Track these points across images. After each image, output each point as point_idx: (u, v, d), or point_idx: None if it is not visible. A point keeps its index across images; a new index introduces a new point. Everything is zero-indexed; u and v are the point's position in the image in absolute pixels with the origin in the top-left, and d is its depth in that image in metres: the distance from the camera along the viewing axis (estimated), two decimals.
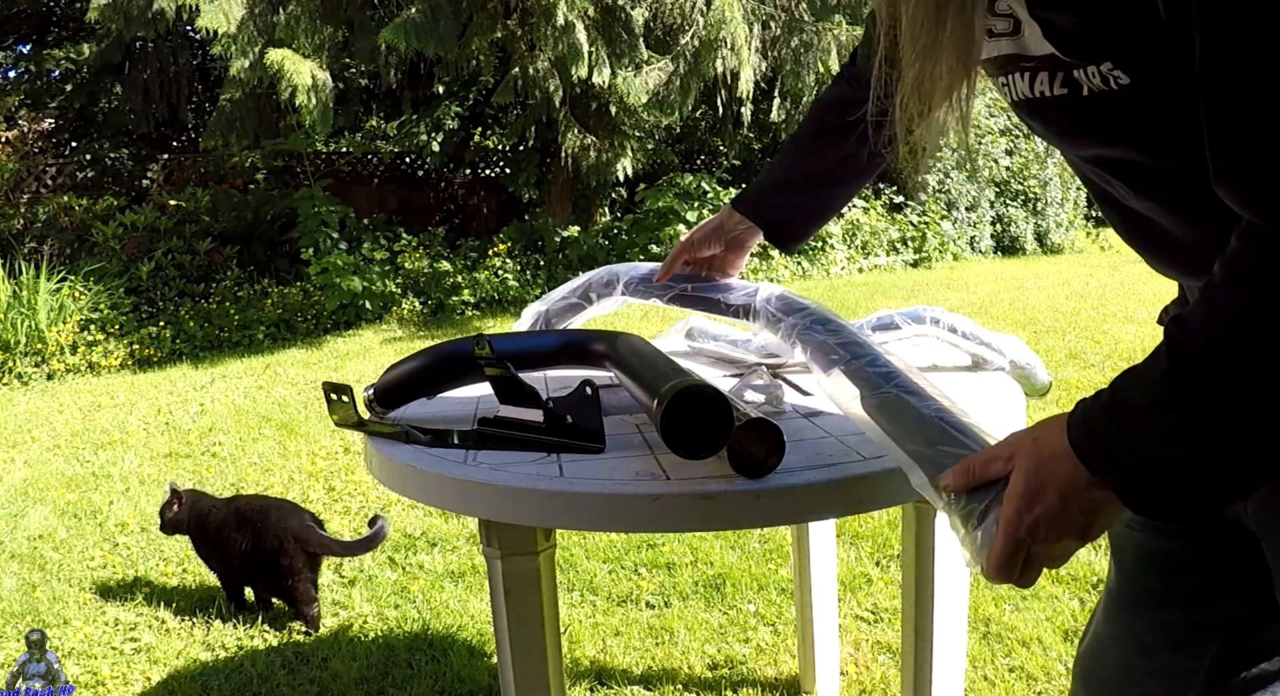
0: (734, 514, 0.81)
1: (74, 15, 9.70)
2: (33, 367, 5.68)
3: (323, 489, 3.13)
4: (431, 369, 1.05)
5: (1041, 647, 1.89)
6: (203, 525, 2.21)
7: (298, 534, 2.10)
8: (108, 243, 6.95)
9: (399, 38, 6.15)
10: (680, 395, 0.81)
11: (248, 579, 2.22)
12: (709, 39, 6.78)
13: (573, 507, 0.83)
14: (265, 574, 2.13)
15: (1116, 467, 0.59)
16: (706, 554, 2.41)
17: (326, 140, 7.99)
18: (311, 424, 3.96)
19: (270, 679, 1.93)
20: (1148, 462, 0.58)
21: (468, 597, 2.27)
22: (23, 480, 3.41)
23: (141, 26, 6.68)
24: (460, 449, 0.95)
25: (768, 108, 8.32)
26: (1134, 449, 0.59)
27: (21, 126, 8.07)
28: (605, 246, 7.98)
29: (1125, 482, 0.59)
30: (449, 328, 6.56)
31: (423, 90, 8.60)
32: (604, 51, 6.59)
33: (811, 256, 8.24)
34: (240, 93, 7.04)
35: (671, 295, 1.25)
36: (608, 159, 7.47)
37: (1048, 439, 0.62)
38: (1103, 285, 6.65)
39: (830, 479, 0.81)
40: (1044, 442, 0.63)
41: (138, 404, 4.68)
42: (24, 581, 2.49)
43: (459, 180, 9.19)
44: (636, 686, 1.83)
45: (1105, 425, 0.60)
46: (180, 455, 3.65)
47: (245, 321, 6.49)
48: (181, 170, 8.44)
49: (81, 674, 2.00)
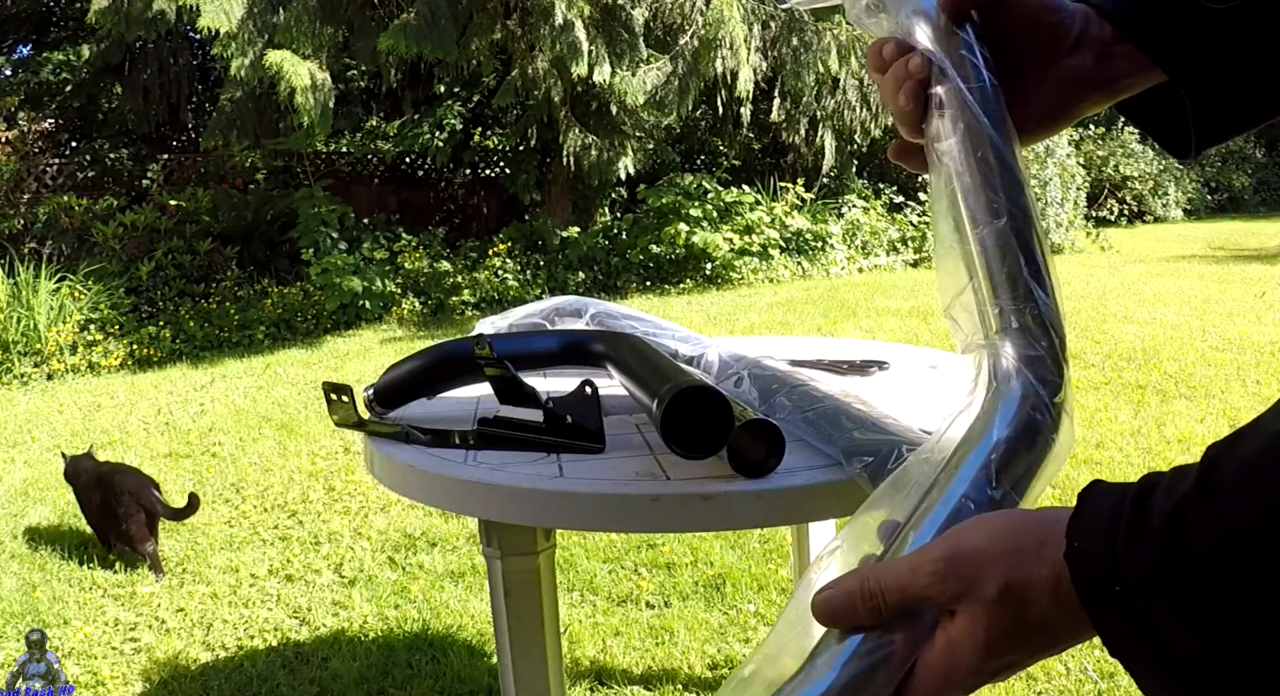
0: (734, 514, 0.81)
1: (74, 15, 9.70)
2: (33, 368, 5.68)
3: (323, 489, 3.13)
4: (431, 369, 1.05)
5: None
6: (76, 485, 2.74)
7: (132, 490, 2.55)
8: (108, 243, 6.95)
9: (398, 42, 6.16)
10: (680, 395, 0.81)
11: (101, 527, 2.66)
12: (708, 39, 6.78)
13: (573, 507, 0.83)
14: (111, 522, 2.58)
15: (1168, 669, 0.35)
16: (706, 554, 2.41)
17: (326, 140, 7.99)
18: (311, 424, 3.96)
19: (270, 679, 1.93)
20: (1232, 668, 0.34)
21: (468, 597, 2.27)
22: (23, 480, 3.41)
23: (141, 28, 6.68)
24: (460, 449, 0.95)
25: (768, 108, 8.32)
26: (1205, 644, 0.34)
27: (21, 126, 8.07)
28: (605, 246, 7.99)
29: (1174, 690, 0.36)
30: (449, 327, 6.56)
31: (423, 90, 8.61)
32: (604, 51, 6.60)
33: (811, 256, 8.24)
34: (240, 93, 7.04)
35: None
36: (608, 158, 7.47)
37: (1031, 587, 0.38)
38: (1103, 285, 6.65)
39: (830, 479, 0.81)
40: (1025, 595, 0.38)
41: (138, 404, 4.68)
42: (24, 581, 2.49)
43: (459, 180, 9.19)
44: (636, 686, 1.83)
45: (1153, 598, 0.35)
46: (180, 455, 3.65)
47: (245, 321, 6.49)
48: (181, 170, 8.44)
49: (81, 674, 2.00)
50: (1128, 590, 0.35)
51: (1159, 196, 13.14)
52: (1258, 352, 4.24)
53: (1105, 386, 3.78)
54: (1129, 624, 0.35)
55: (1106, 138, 12.82)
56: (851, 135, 8.49)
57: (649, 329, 1.22)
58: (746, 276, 7.74)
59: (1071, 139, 11.41)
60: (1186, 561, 0.34)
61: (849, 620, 0.42)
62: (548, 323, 1.27)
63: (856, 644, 0.41)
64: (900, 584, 0.41)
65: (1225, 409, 3.38)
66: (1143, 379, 3.86)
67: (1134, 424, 3.26)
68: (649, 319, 1.25)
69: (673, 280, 7.77)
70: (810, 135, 8.46)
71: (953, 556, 0.40)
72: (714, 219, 7.89)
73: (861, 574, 0.42)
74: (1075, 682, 1.76)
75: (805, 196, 8.55)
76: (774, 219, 8.16)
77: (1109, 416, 3.36)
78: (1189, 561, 0.34)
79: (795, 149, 9.04)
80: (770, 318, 5.88)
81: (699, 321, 5.87)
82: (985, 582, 0.39)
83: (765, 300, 6.68)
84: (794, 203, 8.44)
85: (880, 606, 0.41)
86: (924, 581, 0.40)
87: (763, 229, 8.01)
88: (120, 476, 2.62)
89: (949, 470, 0.47)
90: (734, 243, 7.83)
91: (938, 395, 1.09)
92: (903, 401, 1.02)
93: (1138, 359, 4.23)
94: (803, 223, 8.24)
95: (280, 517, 2.89)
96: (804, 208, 8.55)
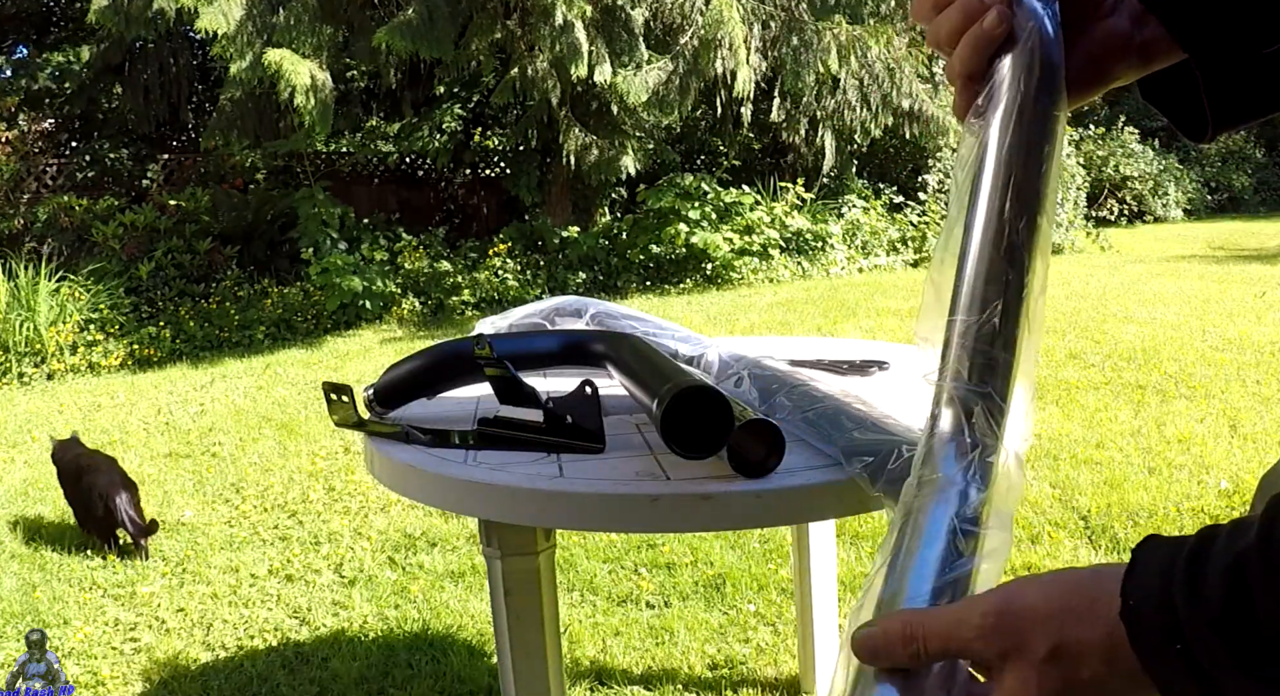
0: (734, 514, 0.81)
1: (74, 15, 9.71)
2: (33, 368, 5.68)
3: (323, 489, 3.13)
4: (431, 369, 1.05)
5: None
6: (59, 469, 2.86)
7: (103, 492, 2.63)
8: (108, 243, 6.95)
9: (394, 40, 6.16)
10: (680, 395, 0.81)
11: (76, 514, 2.79)
12: (708, 39, 6.78)
13: (573, 507, 0.83)
14: (82, 513, 2.74)
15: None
16: (706, 554, 2.41)
17: (326, 140, 7.99)
18: (311, 424, 3.96)
19: (270, 679, 1.93)
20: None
21: (468, 597, 2.27)
22: (23, 480, 3.41)
23: (141, 28, 6.69)
24: (460, 449, 0.95)
25: (768, 108, 8.32)
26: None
27: (21, 126, 8.07)
28: (605, 246, 7.99)
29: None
30: (449, 327, 6.56)
31: (423, 91, 8.61)
32: (604, 51, 6.60)
33: (811, 256, 8.24)
34: (240, 93, 7.04)
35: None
36: (608, 158, 7.47)
37: (1083, 648, 0.37)
38: (1103, 285, 6.65)
39: (830, 479, 0.81)
40: (1078, 655, 0.37)
41: (138, 404, 4.68)
42: (24, 581, 2.49)
43: (459, 180, 9.19)
44: (636, 686, 1.83)
45: (1216, 656, 0.34)
46: (180, 455, 3.65)
47: (245, 321, 6.49)
48: (182, 170, 8.44)
49: (81, 674, 2.00)
50: (1189, 648, 0.34)
51: (1159, 196, 13.15)
52: (1258, 352, 4.24)
53: (1105, 386, 3.78)
54: (1194, 682, 0.34)
55: (1106, 138, 12.83)
56: (851, 135, 8.49)
57: (649, 329, 1.22)
58: (746, 276, 7.74)
59: (1071, 139, 11.41)
60: (1249, 617, 0.33)
61: (886, 659, 0.41)
62: (548, 323, 1.27)
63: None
64: (944, 632, 0.39)
65: (1225, 409, 3.38)
66: (1143, 379, 3.86)
67: (1134, 424, 3.26)
68: (649, 319, 1.25)
69: (673, 280, 7.77)
70: (810, 135, 8.46)
71: (1002, 612, 0.39)
72: (714, 219, 7.89)
73: (905, 616, 0.41)
74: None
75: (805, 196, 8.55)
76: (774, 219, 8.16)
77: (1109, 416, 3.36)
78: (1251, 617, 0.33)
79: (795, 149, 9.04)
80: (770, 317, 5.88)
81: (699, 321, 5.87)
82: (1035, 642, 0.37)
83: (765, 300, 6.68)
84: (794, 203, 8.44)
85: (920, 652, 0.40)
86: (970, 634, 0.39)
87: (763, 229, 8.01)
88: (96, 476, 2.69)
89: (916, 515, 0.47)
90: (734, 243, 7.83)
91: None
92: (903, 401, 1.02)
93: (1138, 359, 4.23)
94: (803, 223, 8.24)
95: (280, 517, 2.89)
96: (804, 208, 8.55)
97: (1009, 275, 0.50)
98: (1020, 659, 0.38)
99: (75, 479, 2.75)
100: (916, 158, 9.71)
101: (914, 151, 9.64)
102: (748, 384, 1.04)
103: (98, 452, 2.90)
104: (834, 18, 7.45)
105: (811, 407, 0.91)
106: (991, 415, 0.48)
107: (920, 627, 0.40)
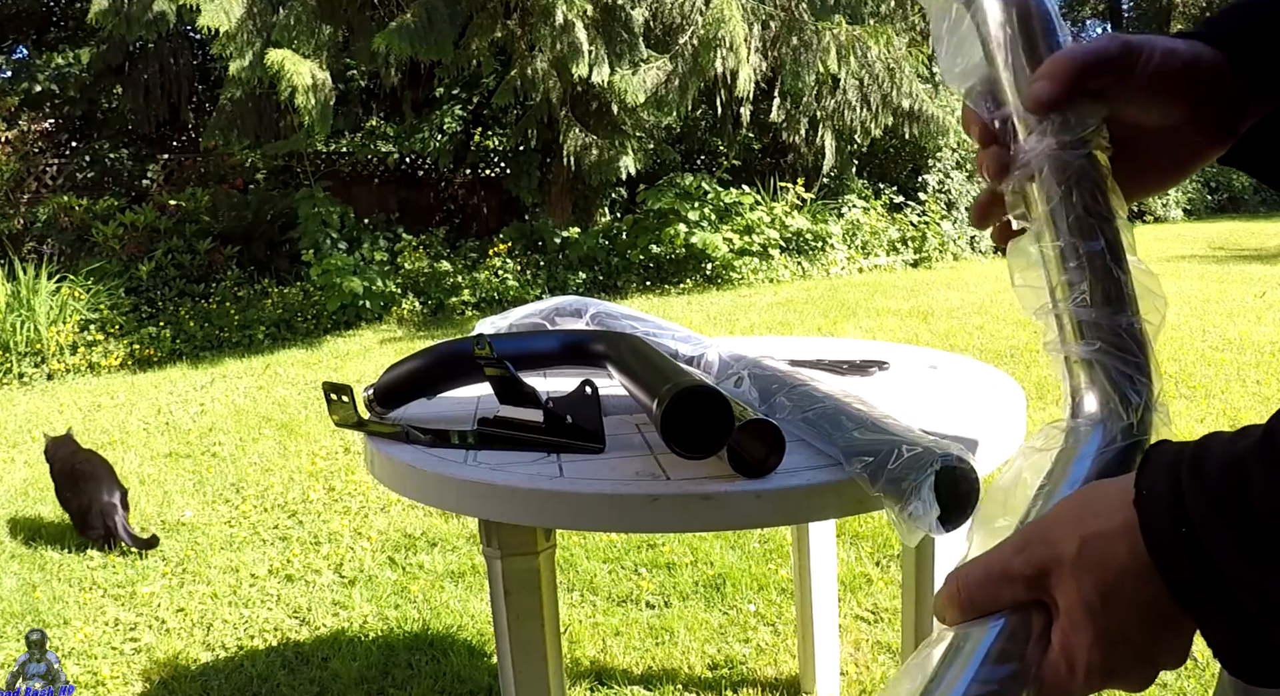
0: (734, 514, 0.81)
1: (74, 16, 9.71)
2: (33, 368, 5.68)
3: (323, 489, 3.13)
4: (431, 369, 1.05)
5: None
6: (51, 467, 2.86)
7: (104, 508, 2.64)
8: (108, 243, 6.95)
9: (393, 42, 6.16)
10: (680, 395, 0.81)
11: (73, 517, 2.78)
12: (708, 38, 6.78)
13: (573, 507, 0.83)
14: (74, 517, 2.74)
15: (1233, 611, 0.35)
16: (706, 554, 2.40)
17: (326, 140, 7.99)
18: (311, 424, 3.96)
19: (270, 679, 1.93)
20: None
21: (468, 597, 2.27)
22: (23, 480, 3.41)
23: (142, 29, 6.68)
24: (460, 449, 0.95)
25: (767, 107, 8.32)
26: (1271, 582, 0.34)
27: (21, 126, 8.07)
28: (605, 246, 7.99)
29: (1241, 635, 0.36)
30: (449, 327, 6.56)
31: (423, 91, 8.61)
32: (603, 51, 6.60)
33: (811, 256, 8.24)
34: (240, 92, 7.05)
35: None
36: (608, 158, 7.48)
37: (1105, 538, 0.38)
38: None
39: (830, 479, 0.81)
40: (1104, 548, 0.38)
41: (138, 404, 4.68)
42: (24, 581, 2.49)
43: (459, 180, 9.19)
44: (636, 686, 1.83)
45: (1216, 534, 0.35)
46: (180, 455, 3.65)
47: (245, 321, 6.49)
48: (182, 170, 8.44)
49: (81, 674, 2.00)
50: (1194, 531, 0.35)
51: (1159, 196, 13.15)
52: (1258, 352, 4.24)
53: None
54: (1196, 569, 0.35)
55: None
56: (851, 135, 8.49)
57: (649, 329, 1.22)
58: (746, 276, 7.74)
59: None
60: (1246, 504, 0.34)
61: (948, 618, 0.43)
62: (548, 323, 1.27)
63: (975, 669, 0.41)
64: (983, 568, 0.42)
65: (1225, 409, 3.38)
66: None
67: None
68: (649, 319, 1.25)
69: (673, 280, 7.77)
70: (810, 135, 8.46)
71: (1034, 525, 0.41)
72: (713, 219, 7.89)
73: (950, 576, 0.43)
74: None
75: (805, 196, 8.55)
76: (774, 219, 8.16)
77: None
78: (1249, 505, 0.34)
79: (795, 149, 9.05)
80: (770, 317, 5.88)
81: (699, 321, 5.87)
82: (1063, 544, 0.39)
83: (765, 300, 6.68)
84: (794, 203, 8.45)
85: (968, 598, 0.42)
86: (1008, 552, 0.41)
87: (762, 229, 8.01)
88: (92, 488, 2.67)
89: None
90: (734, 243, 7.83)
91: (938, 395, 1.09)
92: (903, 401, 1.02)
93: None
94: (803, 223, 8.24)
95: (280, 517, 2.89)
96: (804, 208, 8.55)
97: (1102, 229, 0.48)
98: (1059, 568, 0.39)
99: (70, 483, 2.73)
100: (916, 158, 9.71)
101: (914, 151, 9.64)
102: (748, 384, 1.04)
103: (92, 454, 2.88)
104: (834, 18, 7.45)
105: (811, 407, 0.91)
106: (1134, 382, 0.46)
107: (962, 575, 0.42)
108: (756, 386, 1.03)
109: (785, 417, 0.93)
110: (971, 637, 0.41)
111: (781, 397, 0.97)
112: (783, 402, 0.96)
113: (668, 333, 1.21)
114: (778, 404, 0.96)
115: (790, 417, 0.93)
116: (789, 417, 0.93)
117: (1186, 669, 1.77)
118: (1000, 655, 0.40)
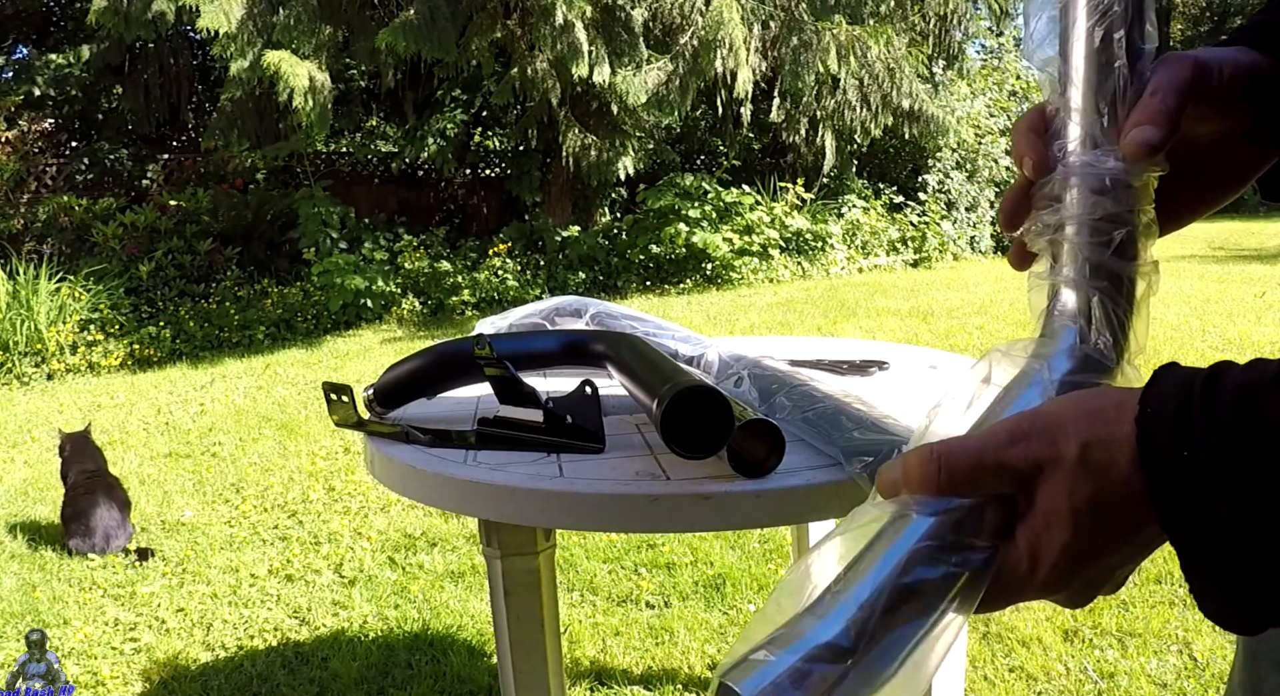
0: (734, 514, 0.81)
1: (74, 15, 9.71)
2: (33, 368, 5.68)
3: (323, 489, 3.13)
4: (431, 369, 1.05)
5: (1041, 647, 1.89)
6: (63, 465, 2.85)
7: (108, 530, 2.64)
8: (108, 243, 6.95)
9: (396, 40, 6.16)
10: (680, 395, 0.81)
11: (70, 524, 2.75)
12: (707, 39, 6.79)
13: (573, 507, 0.83)
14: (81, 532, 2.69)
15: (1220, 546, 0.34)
16: (706, 554, 2.41)
17: (326, 140, 8.00)
18: (311, 424, 3.96)
19: (270, 679, 1.93)
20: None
21: (468, 597, 2.27)
22: (23, 480, 3.41)
23: (141, 29, 6.68)
24: (460, 449, 0.95)
25: (767, 108, 8.32)
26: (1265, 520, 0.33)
27: (21, 126, 8.07)
28: (605, 246, 7.99)
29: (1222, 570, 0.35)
30: (449, 327, 6.56)
31: (423, 91, 8.61)
32: (604, 51, 6.60)
33: (811, 256, 8.24)
34: (240, 93, 7.05)
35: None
36: (608, 158, 7.48)
37: (1111, 445, 0.36)
38: None
39: (830, 479, 0.81)
40: (1107, 454, 0.36)
41: (138, 404, 4.68)
42: (24, 581, 2.49)
43: (459, 180, 9.19)
44: (636, 686, 1.83)
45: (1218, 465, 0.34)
46: (180, 455, 3.65)
47: (245, 321, 6.49)
48: (182, 170, 8.44)
49: (81, 674, 2.00)
50: (1196, 456, 0.34)
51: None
52: (1258, 352, 4.24)
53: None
54: (1189, 494, 0.34)
55: None
56: (851, 135, 8.49)
57: (649, 329, 1.22)
58: (746, 276, 7.74)
59: None
60: (1255, 431, 0.33)
61: (907, 487, 0.40)
62: (548, 323, 1.27)
63: (926, 527, 0.39)
64: (976, 450, 0.39)
65: None
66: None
67: None
68: (649, 319, 1.25)
69: (673, 280, 7.77)
70: (810, 135, 8.46)
71: (1033, 418, 0.39)
72: (714, 219, 7.89)
73: (927, 444, 0.40)
74: (1075, 682, 1.76)
75: (805, 196, 8.55)
76: (774, 219, 8.16)
77: None
78: (1258, 432, 0.33)
79: (795, 149, 9.05)
80: (770, 317, 5.88)
81: (699, 321, 5.87)
82: (1066, 443, 0.37)
83: (765, 300, 6.68)
84: (794, 203, 8.45)
85: (945, 478, 0.39)
86: (1003, 441, 0.38)
87: (762, 229, 8.01)
88: (95, 497, 2.64)
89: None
90: (734, 243, 7.83)
91: (938, 395, 1.09)
92: (903, 401, 1.02)
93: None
94: (803, 223, 8.24)
95: (280, 517, 2.89)
96: (804, 208, 8.55)
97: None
98: (1054, 468, 0.37)
99: (73, 498, 2.68)
100: (916, 158, 9.71)
101: (914, 151, 9.64)
102: (748, 384, 1.04)
103: (99, 474, 2.79)
104: (834, 18, 7.45)
105: (811, 407, 0.91)
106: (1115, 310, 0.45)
107: (945, 454, 0.39)
108: (756, 386, 1.03)
109: (785, 418, 0.93)
110: (919, 514, 0.39)
111: (781, 397, 0.97)
112: (783, 402, 0.96)
113: (668, 333, 1.22)
114: (778, 404, 0.96)
115: (790, 418, 0.93)
116: (789, 418, 0.93)
117: (1187, 668, 1.77)
118: (952, 543, 0.39)
